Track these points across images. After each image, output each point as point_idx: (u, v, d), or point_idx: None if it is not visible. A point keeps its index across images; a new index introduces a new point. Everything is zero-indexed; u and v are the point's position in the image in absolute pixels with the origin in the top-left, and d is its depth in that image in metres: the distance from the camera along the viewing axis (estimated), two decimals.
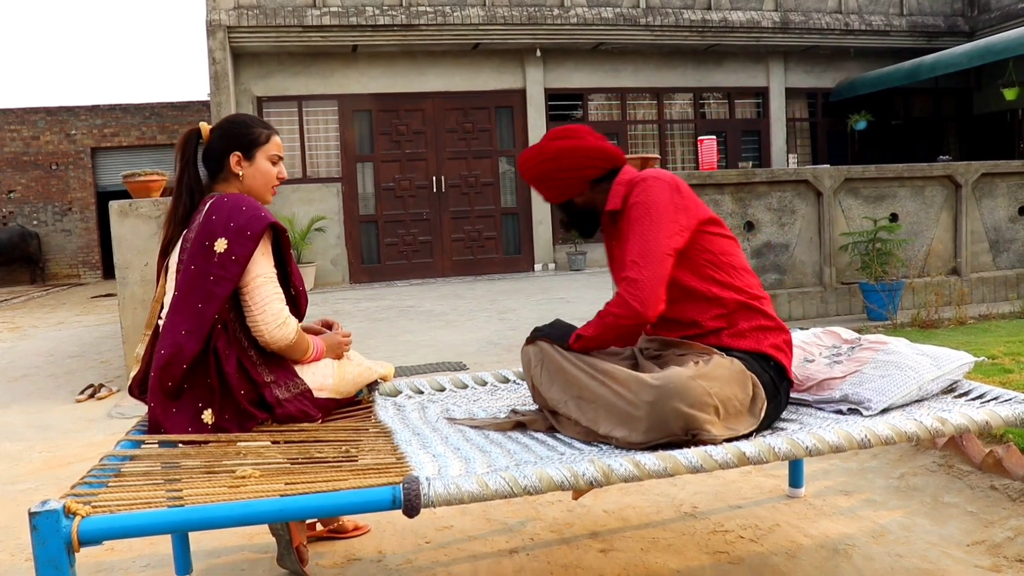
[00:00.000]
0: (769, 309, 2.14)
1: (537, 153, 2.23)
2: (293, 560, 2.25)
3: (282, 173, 2.33)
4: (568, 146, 2.20)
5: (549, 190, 2.27)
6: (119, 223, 4.91)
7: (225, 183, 2.26)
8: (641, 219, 2.05)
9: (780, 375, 2.08)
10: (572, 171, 2.21)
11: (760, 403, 1.96)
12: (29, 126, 17.06)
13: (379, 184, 12.22)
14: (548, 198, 2.30)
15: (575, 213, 2.29)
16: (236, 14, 10.91)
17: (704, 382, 1.85)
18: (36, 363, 6.53)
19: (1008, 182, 6.73)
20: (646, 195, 2.08)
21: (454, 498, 1.55)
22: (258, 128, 2.28)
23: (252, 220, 2.11)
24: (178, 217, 2.25)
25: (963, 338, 4.72)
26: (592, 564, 2.30)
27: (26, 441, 4.06)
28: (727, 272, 2.11)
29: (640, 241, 2.03)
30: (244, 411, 2.10)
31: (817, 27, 13.02)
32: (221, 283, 2.07)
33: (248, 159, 2.25)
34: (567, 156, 2.19)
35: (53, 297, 13.61)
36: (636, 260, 2.02)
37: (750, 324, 2.09)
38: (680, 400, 1.80)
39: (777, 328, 2.12)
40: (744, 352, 2.05)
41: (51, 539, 1.41)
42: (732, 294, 2.10)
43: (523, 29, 11.92)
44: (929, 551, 2.29)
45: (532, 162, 2.24)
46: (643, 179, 2.12)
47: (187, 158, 2.27)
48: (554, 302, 8.43)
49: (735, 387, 1.91)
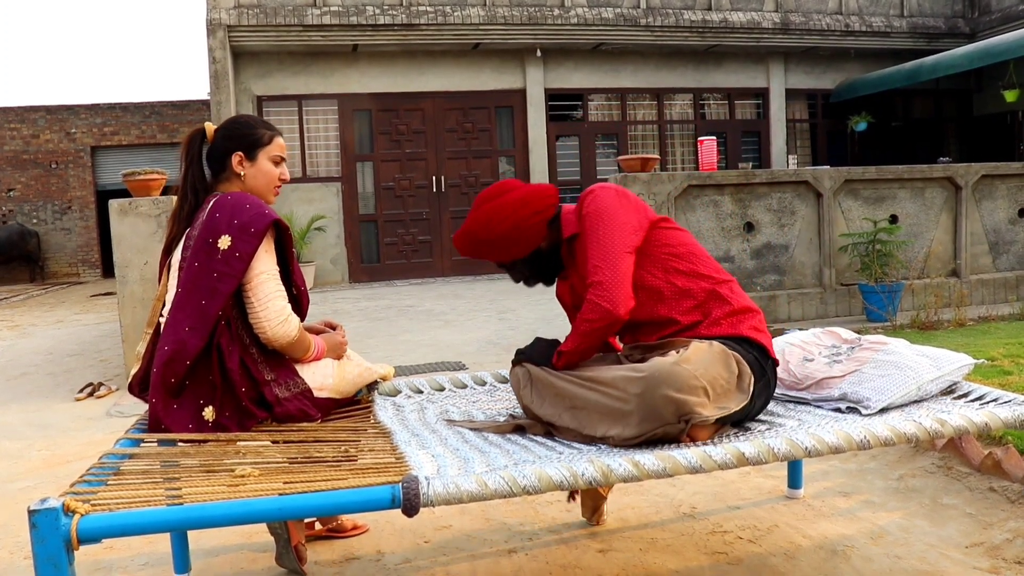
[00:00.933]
0: (738, 291, 2.17)
1: (486, 220, 2.15)
2: (292, 559, 2.25)
3: (284, 174, 2.34)
4: (517, 197, 2.17)
5: (512, 249, 2.19)
6: (119, 222, 4.91)
7: (228, 183, 2.28)
8: (596, 227, 2.10)
9: (763, 354, 2.09)
10: (533, 217, 2.16)
11: (747, 378, 1.97)
12: (29, 124, 17.05)
13: (379, 184, 12.22)
14: (511, 257, 2.21)
15: (542, 260, 2.24)
16: (236, 13, 10.90)
17: (688, 366, 1.85)
18: (35, 361, 6.52)
19: (1008, 184, 6.73)
20: (595, 204, 2.13)
21: (453, 497, 1.55)
22: (261, 129, 2.30)
23: (256, 217, 2.13)
24: (182, 216, 2.26)
25: (962, 340, 4.72)
26: (591, 564, 2.30)
27: (25, 439, 4.06)
28: (689, 261, 2.15)
29: (598, 246, 2.08)
30: (244, 409, 2.11)
31: (817, 28, 13.01)
32: (225, 279, 2.08)
33: (250, 159, 2.27)
34: (521, 206, 2.15)
35: (52, 296, 13.61)
36: (598, 264, 2.06)
37: (723, 311, 2.11)
38: (668, 386, 1.80)
39: (748, 310, 2.14)
40: (722, 338, 2.06)
41: (50, 537, 1.41)
42: (700, 283, 2.13)
43: (523, 29, 11.92)
44: (928, 552, 2.29)
45: (486, 231, 2.15)
46: (589, 192, 2.17)
47: (191, 157, 2.29)
48: (553, 302, 8.40)
49: (719, 367, 1.92)
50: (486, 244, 2.18)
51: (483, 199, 2.20)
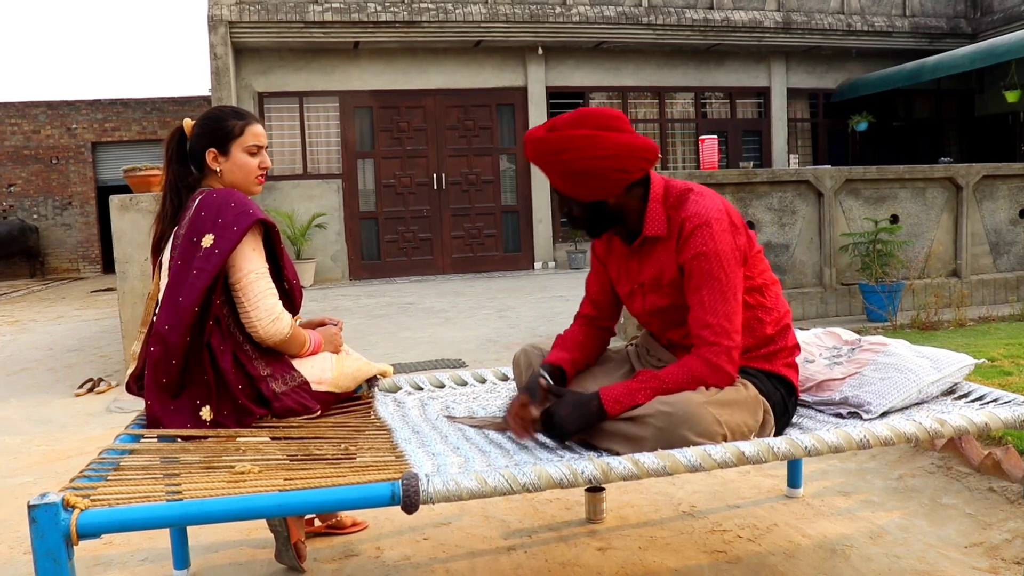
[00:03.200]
0: (791, 330, 2.12)
1: (572, 146, 1.88)
2: (291, 556, 2.25)
3: (264, 162, 2.27)
4: (615, 142, 1.89)
5: (585, 188, 1.94)
6: (119, 218, 4.91)
7: (210, 179, 2.25)
8: (715, 275, 1.91)
9: (789, 392, 2.08)
10: (623, 175, 1.93)
11: (768, 429, 1.96)
12: (30, 120, 17.04)
13: (380, 181, 12.21)
14: (572, 192, 1.97)
15: (601, 213, 2.00)
16: (238, 9, 10.89)
17: (715, 409, 1.82)
18: (35, 357, 6.52)
19: (1009, 184, 6.73)
20: (715, 245, 1.91)
21: (453, 495, 1.55)
22: (231, 121, 2.23)
23: (239, 216, 2.10)
24: (166, 215, 2.25)
25: (963, 340, 4.72)
26: (590, 562, 2.31)
27: (25, 435, 4.06)
28: (762, 295, 2.06)
29: (721, 301, 1.90)
30: (242, 407, 2.10)
31: (819, 27, 13.00)
32: (201, 275, 2.06)
33: (224, 154, 2.22)
34: (612, 155, 1.89)
35: (52, 291, 13.61)
36: (724, 324, 1.89)
37: (771, 348, 2.07)
38: (689, 428, 1.78)
39: (792, 347, 2.12)
40: (758, 371, 2.03)
41: (50, 532, 1.41)
42: (768, 320, 2.05)
43: (525, 27, 11.91)
44: (927, 552, 2.29)
45: (582, 154, 1.88)
46: (705, 223, 1.92)
47: (171, 156, 2.27)
48: (553, 300, 8.42)
49: (746, 414, 1.89)
50: (557, 165, 1.93)
51: (584, 121, 1.90)
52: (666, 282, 2.03)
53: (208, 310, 2.09)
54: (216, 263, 2.06)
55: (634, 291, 2.14)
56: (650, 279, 2.06)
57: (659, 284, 2.05)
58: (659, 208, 2.00)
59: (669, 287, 2.03)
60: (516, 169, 12.72)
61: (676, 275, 2.00)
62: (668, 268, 2.01)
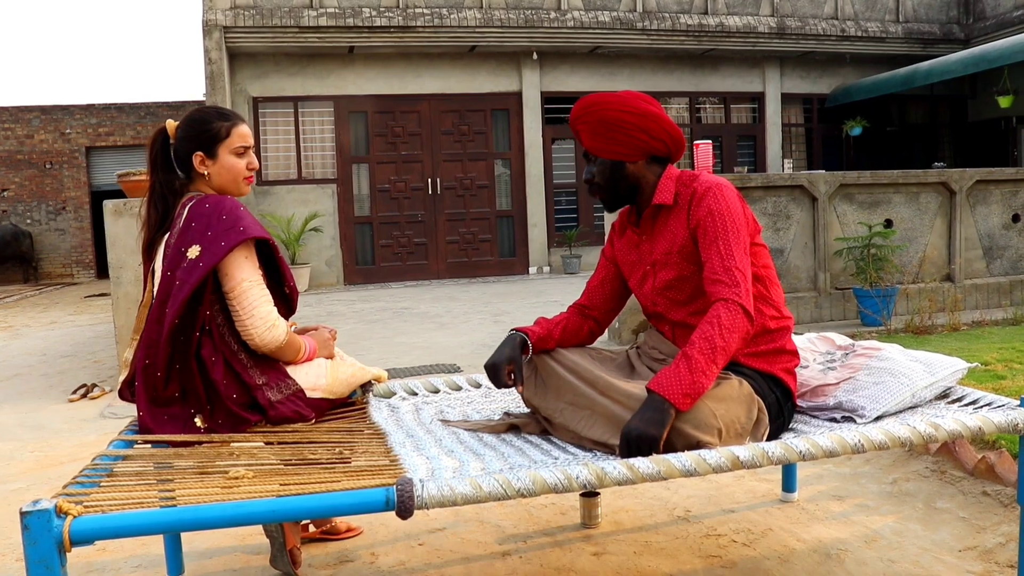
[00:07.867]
0: (790, 333, 2.14)
1: (621, 102, 2.08)
2: (286, 562, 2.24)
3: (252, 163, 2.24)
4: (655, 112, 2.09)
5: (609, 142, 2.09)
6: (113, 222, 4.90)
7: (197, 183, 2.22)
8: (725, 229, 2.00)
9: (786, 396, 2.08)
10: (646, 137, 2.08)
11: (763, 428, 1.97)
12: (23, 124, 16.99)
13: (374, 186, 12.21)
14: (599, 150, 2.12)
15: (618, 178, 2.13)
16: (232, 14, 10.89)
17: (711, 403, 1.84)
18: (29, 362, 6.50)
19: (1002, 189, 6.76)
20: (725, 204, 2.02)
21: (447, 500, 1.55)
22: (217, 123, 2.19)
23: (228, 232, 2.07)
24: (152, 222, 2.22)
25: (956, 344, 4.73)
26: (585, 567, 2.30)
27: (18, 440, 4.04)
28: (764, 286, 2.09)
29: (736, 251, 1.98)
30: (236, 416, 2.09)
31: (813, 33, 13.05)
32: (183, 286, 2.04)
33: (211, 157, 2.19)
34: (652, 121, 2.08)
35: (46, 296, 13.56)
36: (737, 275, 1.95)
37: (769, 346, 2.08)
38: (684, 420, 1.80)
39: (792, 353, 2.13)
40: (754, 371, 2.04)
41: (42, 539, 1.40)
42: (769, 313, 2.08)
43: (520, 32, 11.93)
44: (921, 556, 2.29)
45: (612, 107, 2.08)
46: (715, 186, 2.05)
47: (155, 161, 2.22)
48: (548, 305, 8.42)
49: (740, 410, 1.91)
50: (592, 115, 2.09)
51: (633, 95, 2.11)
52: (676, 250, 2.09)
53: (194, 321, 2.07)
54: (198, 276, 2.03)
55: (646, 273, 2.19)
56: (662, 254, 2.12)
57: (669, 256, 2.10)
58: (670, 184, 2.13)
59: (678, 256, 2.09)
60: (511, 174, 12.73)
61: (687, 242, 2.07)
62: (679, 236, 2.09)
